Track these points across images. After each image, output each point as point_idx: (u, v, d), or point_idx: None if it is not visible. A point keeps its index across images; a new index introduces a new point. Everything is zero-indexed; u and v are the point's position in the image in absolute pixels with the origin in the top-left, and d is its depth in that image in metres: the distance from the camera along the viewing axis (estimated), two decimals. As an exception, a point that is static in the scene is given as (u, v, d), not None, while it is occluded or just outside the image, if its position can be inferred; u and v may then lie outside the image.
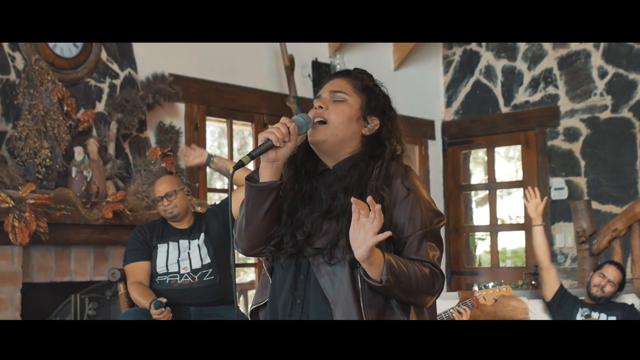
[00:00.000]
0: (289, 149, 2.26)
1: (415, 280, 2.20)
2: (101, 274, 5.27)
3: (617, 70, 7.38)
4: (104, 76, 5.59)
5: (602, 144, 7.42)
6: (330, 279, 2.24)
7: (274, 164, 2.27)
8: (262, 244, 2.36)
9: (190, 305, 4.41)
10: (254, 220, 2.32)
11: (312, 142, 2.35)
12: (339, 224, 2.26)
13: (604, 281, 5.07)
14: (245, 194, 2.32)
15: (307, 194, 2.35)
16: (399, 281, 2.17)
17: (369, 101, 2.39)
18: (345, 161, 2.36)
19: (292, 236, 2.30)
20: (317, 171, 2.39)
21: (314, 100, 2.42)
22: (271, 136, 2.23)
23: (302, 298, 2.29)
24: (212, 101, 6.35)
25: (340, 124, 2.33)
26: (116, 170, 5.43)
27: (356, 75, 2.45)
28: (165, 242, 4.52)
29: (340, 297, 2.21)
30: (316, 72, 7.16)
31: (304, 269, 2.30)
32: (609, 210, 7.27)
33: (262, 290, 2.46)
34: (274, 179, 2.29)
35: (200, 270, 4.46)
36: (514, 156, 9.18)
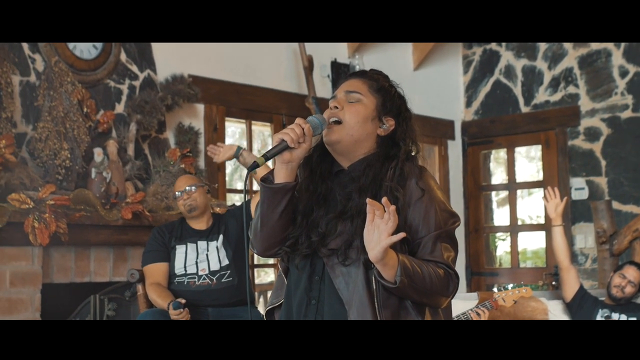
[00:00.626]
0: (303, 150, 2.27)
1: (430, 282, 2.20)
2: (120, 274, 5.30)
3: (638, 70, 7.32)
4: (123, 77, 5.62)
5: (623, 144, 7.37)
6: (345, 279, 2.24)
7: (288, 165, 2.27)
8: (277, 245, 2.36)
9: (209, 307, 4.42)
10: (269, 221, 2.32)
11: (328, 143, 2.35)
12: (353, 225, 2.26)
13: (625, 282, 5.04)
14: (260, 195, 2.33)
15: (322, 195, 2.35)
16: (413, 282, 2.17)
17: (384, 102, 2.39)
18: (360, 162, 2.36)
19: (307, 237, 2.31)
20: (332, 172, 2.39)
21: (330, 100, 2.43)
22: (286, 137, 2.24)
23: (316, 299, 2.30)
24: (231, 102, 6.36)
25: (356, 124, 2.33)
26: (135, 171, 5.45)
27: (372, 75, 2.45)
28: (184, 243, 4.53)
29: (354, 298, 2.21)
30: (335, 72, 7.15)
31: (319, 269, 2.31)
32: (630, 211, 7.22)
33: (278, 291, 2.47)
34: (289, 180, 2.29)
35: (219, 272, 4.47)
36: (535, 156, 9.13)
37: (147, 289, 4.42)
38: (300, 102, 6.74)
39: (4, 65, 4.92)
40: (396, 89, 2.46)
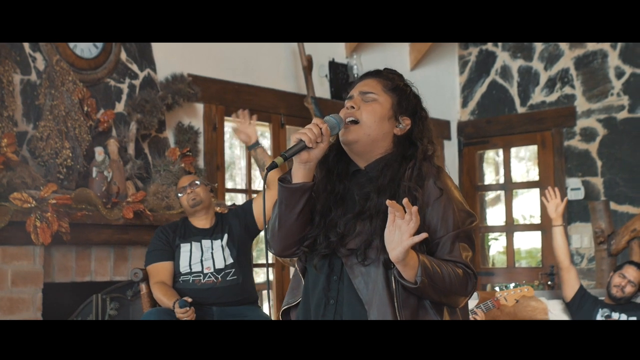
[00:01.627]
0: (321, 150, 2.27)
1: (449, 281, 2.21)
2: (121, 274, 5.29)
3: (634, 71, 7.36)
4: (124, 77, 5.61)
5: (619, 144, 7.40)
6: (364, 279, 2.24)
7: (306, 165, 2.27)
8: (295, 245, 2.37)
9: (213, 305, 4.42)
10: (287, 221, 2.32)
11: (345, 142, 2.35)
12: (372, 225, 2.26)
13: (624, 281, 5.07)
14: (278, 195, 2.32)
15: (339, 194, 2.36)
16: (433, 282, 2.18)
17: (400, 101, 2.40)
18: (377, 162, 2.36)
19: (326, 237, 2.31)
20: (348, 172, 2.39)
21: (345, 100, 2.43)
22: (304, 137, 2.24)
23: (335, 299, 2.30)
24: (230, 101, 6.35)
25: (373, 124, 2.34)
26: (136, 171, 5.44)
27: (386, 75, 2.46)
28: (188, 241, 4.54)
29: (374, 298, 2.22)
30: (333, 72, 7.16)
31: (337, 269, 2.31)
32: (626, 211, 7.25)
33: (294, 290, 2.47)
34: (306, 180, 2.29)
35: (224, 270, 4.48)
36: (524, 156, 9.17)
37: (152, 288, 4.41)
38: (298, 102, 6.74)
39: (5, 64, 4.90)
40: (411, 88, 2.48)
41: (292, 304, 2.46)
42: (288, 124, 6.81)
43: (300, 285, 2.44)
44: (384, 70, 2.49)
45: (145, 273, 4.48)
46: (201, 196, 4.58)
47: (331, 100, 7.10)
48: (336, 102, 7.13)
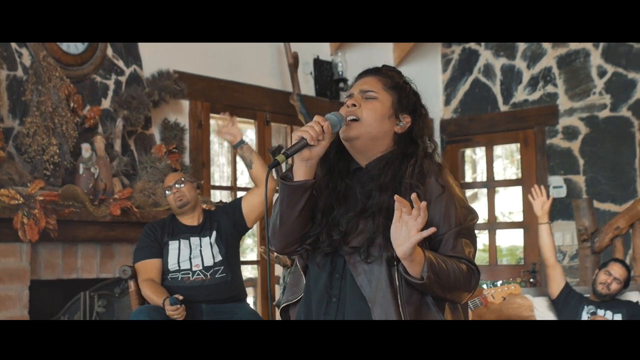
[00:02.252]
0: (322, 148, 2.27)
1: (454, 277, 2.22)
2: (107, 271, 5.27)
3: (616, 70, 7.41)
4: (110, 73, 5.58)
5: (601, 143, 7.46)
6: (367, 277, 2.25)
7: (308, 162, 2.27)
8: (296, 243, 2.36)
9: (202, 303, 4.41)
10: (289, 219, 2.32)
11: (346, 139, 2.35)
12: (374, 223, 2.26)
13: (610, 279, 5.10)
14: (280, 193, 2.32)
15: (341, 192, 2.36)
16: (439, 278, 2.19)
17: (400, 99, 2.39)
18: (378, 160, 2.36)
19: (328, 235, 2.31)
20: (350, 170, 2.40)
21: (346, 98, 2.43)
22: (305, 135, 2.23)
23: (337, 297, 2.30)
24: (216, 98, 6.35)
25: (373, 121, 2.34)
26: (122, 167, 5.42)
27: (385, 72, 2.45)
28: (177, 239, 4.52)
29: (377, 295, 2.22)
30: (318, 70, 7.17)
31: (340, 267, 2.31)
32: (608, 209, 7.30)
33: (294, 288, 2.47)
34: (308, 178, 2.28)
35: (213, 268, 4.47)
36: (501, 154, 9.21)
37: (141, 285, 4.39)
38: (284, 99, 6.74)
39: (-9, 60, 4.88)
40: (410, 85, 2.47)
41: (291, 301, 2.46)
42: (273, 121, 6.80)
43: (300, 283, 2.44)
44: (382, 68, 2.48)
45: (134, 270, 4.46)
46: (187, 196, 4.56)
47: (316, 97, 7.10)
48: (321, 99, 7.14)
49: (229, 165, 7.12)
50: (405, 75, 2.51)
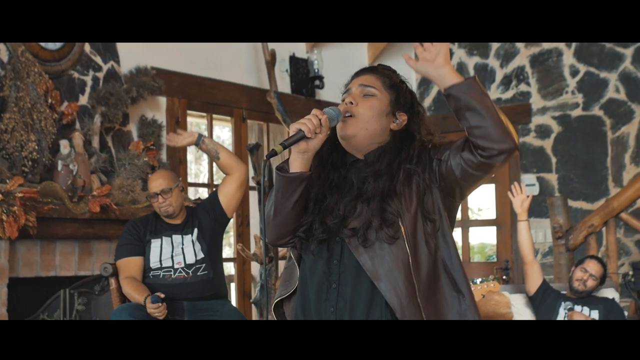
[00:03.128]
0: (319, 141, 2.29)
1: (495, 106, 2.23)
2: (86, 268, 5.23)
3: (588, 69, 7.51)
4: (87, 69, 5.54)
5: (573, 141, 7.55)
6: (369, 255, 2.26)
7: (304, 154, 2.29)
8: (290, 234, 2.38)
9: (184, 300, 4.39)
10: (283, 210, 2.33)
11: (343, 137, 2.37)
12: (370, 207, 2.29)
13: (586, 275, 5.16)
14: (275, 184, 2.34)
15: (334, 182, 2.38)
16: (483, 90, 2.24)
17: (397, 97, 2.42)
18: (375, 150, 2.39)
19: (322, 223, 2.33)
20: (345, 162, 2.42)
21: (342, 94, 2.44)
22: (303, 127, 2.25)
23: (337, 282, 2.31)
24: (193, 95, 6.33)
25: (371, 119, 2.36)
26: (100, 164, 5.38)
27: (383, 71, 2.48)
28: (159, 237, 4.49)
29: (381, 269, 2.24)
30: (294, 67, 7.17)
31: (337, 253, 2.33)
32: (580, 207, 7.40)
33: (286, 283, 2.47)
34: (304, 170, 2.30)
35: (194, 265, 4.45)
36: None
37: (122, 283, 4.37)
38: (260, 96, 6.74)
39: (-32, 55, 4.82)
40: (407, 84, 2.50)
41: (284, 295, 2.46)
42: (250, 118, 6.80)
43: (294, 277, 2.44)
44: (379, 67, 2.51)
45: (115, 268, 4.43)
46: (174, 206, 4.47)
47: (292, 95, 7.11)
48: (297, 97, 7.14)
49: (196, 162, 7.11)
50: (400, 74, 2.54)
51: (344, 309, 2.28)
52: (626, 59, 7.36)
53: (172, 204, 4.47)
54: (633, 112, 7.29)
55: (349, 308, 2.28)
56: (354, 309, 2.27)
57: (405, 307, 2.22)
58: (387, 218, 2.25)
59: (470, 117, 2.21)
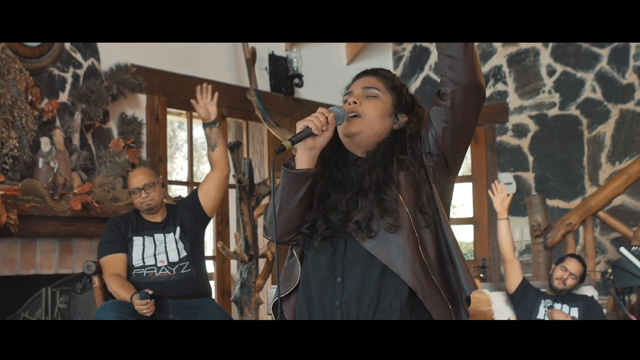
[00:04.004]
0: (326, 138, 2.33)
1: None
2: (66, 266, 5.20)
3: (565, 69, 7.56)
4: (68, 66, 5.50)
5: (550, 140, 7.60)
6: (379, 243, 2.29)
7: (311, 152, 2.32)
8: (293, 232, 2.40)
9: (169, 298, 4.39)
10: (289, 207, 2.36)
11: (347, 134, 2.41)
12: (368, 199, 2.33)
13: (566, 274, 5.21)
14: (281, 181, 2.36)
15: (337, 180, 2.42)
16: None
17: (399, 99, 2.48)
18: (374, 148, 2.43)
19: (326, 220, 2.36)
20: (346, 161, 2.46)
21: (345, 95, 2.48)
22: (310, 124, 2.29)
23: (341, 277, 2.34)
24: (172, 93, 6.31)
25: (375, 118, 2.41)
26: (81, 162, 5.35)
27: (384, 74, 2.53)
28: (141, 235, 4.49)
29: (394, 255, 2.27)
30: (273, 65, 7.17)
31: (341, 248, 2.35)
32: (556, 205, 7.45)
33: (286, 281, 2.48)
34: (310, 167, 2.34)
35: (178, 263, 4.45)
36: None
37: (107, 281, 4.35)
38: (239, 94, 6.73)
39: (-52, 51, 4.77)
40: (407, 88, 2.55)
41: (284, 294, 2.47)
42: (229, 116, 6.79)
43: (294, 275, 2.46)
44: (380, 70, 2.56)
45: (98, 266, 4.41)
46: (156, 200, 4.50)
47: (271, 93, 7.10)
48: (276, 95, 7.14)
49: (172, 160, 7.09)
50: (398, 76, 2.60)
51: (350, 301, 2.30)
52: (602, 59, 7.42)
53: (155, 198, 4.49)
54: (609, 111, 7.36)
55: (356, 300, 2.30)
56: (362, 300, 2.29)
57: (425, 287, 2.26)
58: (386, 207, 2.29)
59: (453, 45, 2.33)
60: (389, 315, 2.27)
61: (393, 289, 2.28)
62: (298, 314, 2.41)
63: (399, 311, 2.26)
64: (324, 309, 2.33)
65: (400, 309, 2.26)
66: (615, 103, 7.34)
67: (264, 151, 7.12)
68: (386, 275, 2.28)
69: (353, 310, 2.29)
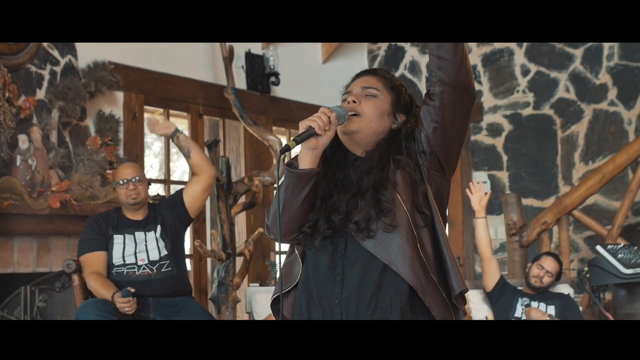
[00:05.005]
0: (328, 138, 2.34)
1: None
2: (44, 265, 5.16)
3: (539, 69, 7.63)
4: (45, 62, 5.46)
5: (524, 140, 7.67)
6: (379, 242, 2.31)
7: (314, 151, 2.34)
8: (297, 230, 2.42)
9: (150, 297, 4.37)
10: (292, 206, 2.37)
11: (346, 132, 2.43)
12: (366, 199, 2.35)
13: (543, 272, 5.25)
14: (285, 180, 2.38)
15: (340, 180, 2.44)
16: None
17: (398, 99, 2.50)
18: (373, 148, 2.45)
19: (327, 219, 2.37)
20: (347, 160, 2.48)
21: (344, 95, 2.50)
22: (313, 124, 2.30)
23: (341, 275, 2.35)
24: (149, 90, 6.28)
25: (374, 117, 2.43)
26: (59, 160, 5.31)
27: (383, 74, 2.55)
28: (121, 233, 4.47)
29: (393, 254, 2.29)
30: (249, 63, 7.16)
31: (341, 248, 2.37)
32: (530, 204, 7.52)
33: (285, 279, 2.50)
34: (313, 166, 2.36)
35: (159, 262, 4.44)
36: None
37: (87, 279, 4.32)
38: (216, 92, 6.72)
39: None
40: (406, 88, 2.57)
41: (284, 291, 2.49)
42: (206, 114, 6.77)
43: (293, 273, 2.47)
44: (379, 70, 2.59)
45: (78, 264, 4.39)
46: (142, 195, 4.50)
47: (247, 91, 7.09)
48: (252, 93, 7.14)
49: (156, 157, 7.06)
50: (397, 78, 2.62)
51: (349, 299, 2.32)
52: (576, 59, 7.50)
53: (141, 193, 4.50)
54: (582, 111, 7.44)
55: (355, 298, 2.31)
56: (361, 299, 2.31)
57: (425, 285, 2.28)
58: (383, 208, 2.31)
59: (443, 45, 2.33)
60: (388, 313, 2.28)
61: (393, 287, 2.30)
62: (297, 311, 2.42)
63: (399, 309, 2.28)
64: (323, 307, 2.35)
65: (401, 307, 2.28)
66: (589, 103, 7.42)
67: (240, 149, 7.12)
68: (386, 274, 2.31)
69: (352, 308, 2.31)
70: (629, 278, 5.36)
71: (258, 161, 7.16)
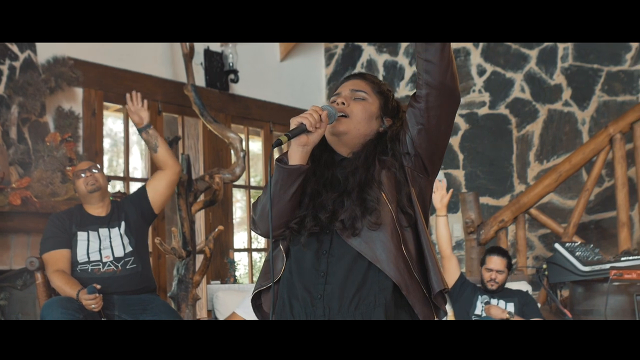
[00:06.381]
0: (319, 135, 2.37)
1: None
2: (3, 262, 5.09)
3: (495, 69, 7.73)
4: (3, 58, 5.38)
5: (480, 139, 7.76)
6: (364, 241, 2.34)
7: (304, 148, 2.37)
8: (283, 226, 2.44)
9: (114, 294, 4.35)
10: (280, 201, 2.40)
11: (335, 133, 2.46)
12: (352, 199, 2.39)
13: (493, 273, 5.32)
14: (274, 176, 2.40)
15: (327, 179, 2.47)
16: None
17: (385, 103, 2.54)
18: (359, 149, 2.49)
19: (314, 217, 2.40)
20: (334, 160, 2.51)
21: (333, 96, 2.53)
22: (305, 121, 2.34)
23: (325, 272, 2.38)
24: (109, 86, 6.23)
25: (362, 119, 2.47)
26: (19, 156, 5.24)
27: (372, 79, 2.60)
28: (85, 230, 4.44)
29: (379, 253, 2.32)
30: (208, 60, 7.14)
31: (326, 245, 2.40)
32: (486, 202, 7.61)
33: (266, 275, 2.52)
34: (302, 163, 2.38)
35: (123, 259, 4.42)
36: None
37: (51, 277, 4.29)
38: (175, 89, 6.68)
39: None
40: (393, 93, 2.62)
41: (264, 287, 2.50)
42: (165, 111, 6.73)
43: (276, 269, 2.49)
44: (367, 75, 2.63)
45: (41, 262, 4.35)
46: (100, 182, 4.53)
47: (206, 88, 7.07)
48: (211, 90, 7.12)
49: (119, 156, 7.00)
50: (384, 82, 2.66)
51: (332, 295, 2.34)
52: (531, 60, 7.61)
53: (99, 180, 4.54)
54: (537, 111, 7.55)
55: (338, 294, 2.34)
56: (344, 295, 2.33)
57: (409, 282, 2.32)
58: (368, 207, 2.34)
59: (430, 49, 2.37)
60: (372, 310, 2.31)
61: (377, 284, 2.33)
62: (279, 306, 2.44)
63: (383, 306, 2.31)
64: (305, 302, 2.37)
65: (385, 304, 2.31)
66: (544, 103, 7.54)
67: (199, 146, 7.09)
68: (370, 272, 2.34)
69: (335, 303, 2.33)
70: (586, 275, 5.46)
71: (217, 158, 7.15)
